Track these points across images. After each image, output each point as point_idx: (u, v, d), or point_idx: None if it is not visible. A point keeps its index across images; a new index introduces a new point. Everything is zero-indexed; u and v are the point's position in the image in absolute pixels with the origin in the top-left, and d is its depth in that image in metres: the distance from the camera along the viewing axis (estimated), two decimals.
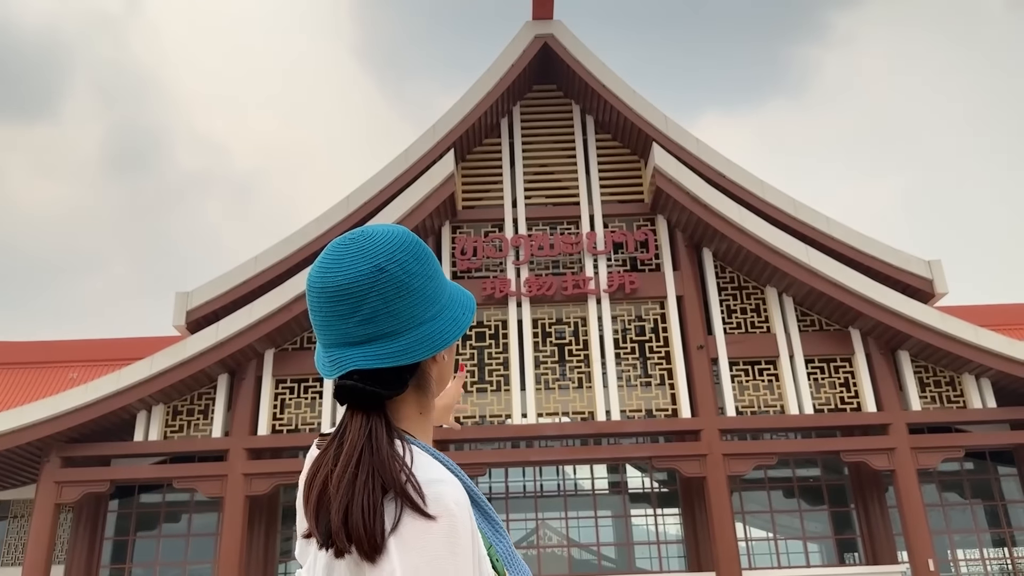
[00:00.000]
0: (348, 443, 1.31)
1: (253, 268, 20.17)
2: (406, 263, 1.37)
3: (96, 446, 19.10)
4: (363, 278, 1.34)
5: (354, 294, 1.34)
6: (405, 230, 1.42)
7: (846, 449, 18.87)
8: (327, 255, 1.38)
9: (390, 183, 20.87)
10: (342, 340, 1.37)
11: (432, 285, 1.41)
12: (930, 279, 20.18)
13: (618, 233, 21.08)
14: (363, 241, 1.37)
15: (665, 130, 21.12)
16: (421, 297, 1.39)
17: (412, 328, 1.37)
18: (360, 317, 1.35)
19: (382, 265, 1.35)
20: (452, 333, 1.42)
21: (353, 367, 1.36)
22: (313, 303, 1.39)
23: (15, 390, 24.01)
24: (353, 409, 1.36)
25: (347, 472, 1.26)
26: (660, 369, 20.18)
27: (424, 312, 1.39)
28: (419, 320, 1.38)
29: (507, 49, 21.96)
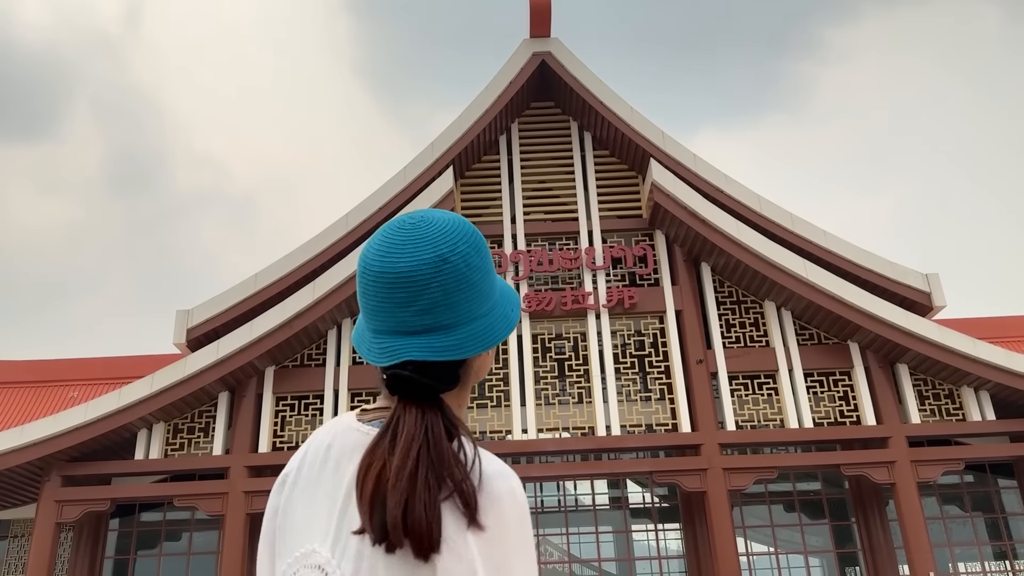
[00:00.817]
0: (404, 436, 1.27)
1: (253, 286, 20.25)
2: (468, 255, 1.34)
3: (96, 464, 19.10)
4: (426, 267, 1.30)
5: (416, 282, 1.30)
6: (465, 220, 1.40)
7: (846, 463, 18.89)
8: (387, 238, 1.35)
9: (389, 200, 20.98)
10: (397, 328, 1.34)
11: (488, 280, 1.39)
12: (928, 292, 20.28)
13: (617, 248, 21.19)
14: (425, 227, 1.34)
15: (663, 146, 21.27)
16: (478, 291, 1.36)
17: (468, 322, 1.35)
18: (419, 307, 1.31)
19: (445, 255, 1.31)
20: (503, 330, 1.40)
21: (408, 358, 1.32)
22: (369, 287, 1.35)
23: (16, 409, 24.01)
24: (406, 401, 1.32)
25: (406, 467, 1.22)
26: (660, 384, 20.23)
27: (480, 307, 1.36)
28: (475, 315, 1.35)
29: (505, 67, 22.15)
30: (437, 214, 1.38)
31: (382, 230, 1.38)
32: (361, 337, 1.42)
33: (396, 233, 1.34)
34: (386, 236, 1.35)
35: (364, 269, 1.36)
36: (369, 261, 1.35)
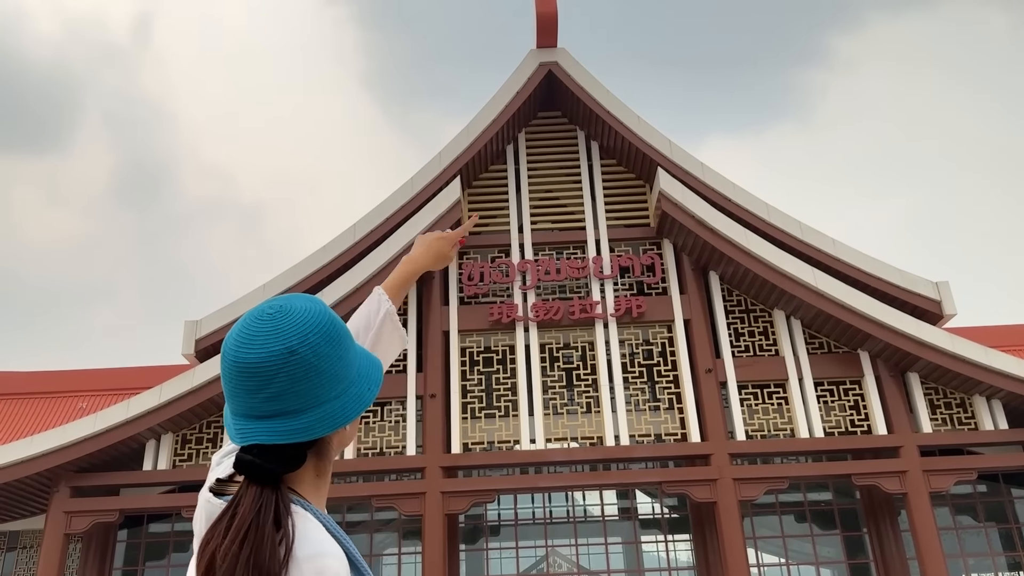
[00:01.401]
0: (239, 518, 1.33)
1: (261, 296, 20.25)
2: (317, 345, 1.40)
3: (105, 476, 19.11)
4: (274, 358, 1.37)
5: (263, 373, 1.37)
6: (323, 307, 1.47)
7: (857, 472, 18.74)
8: (245, 329, 1.41)
9: (396, 210, 21.00)
10: (248, 412, 1.41)
11: (340, 364, 1.45)
12: (938, 300, 20.14)
13: (624, 257, 21.14)
14: (280, 319, 1.41)
15: (670, 155, 21.24)
16: (328, 378, 1.42)
17: (315, 407, 1.41)
18: (266, 394, 1.38)
19: (294, 347, 1.38)
20: (353, 410, 1.46)
21: (255, 441, 1.40)
22: (224, 373, 1.43)
23: (25, 420, 24.07)
24: (249, 482, 1.39)
25: (231, 550, 1.30)
26: (668, 393, 20.14)
27: (329, 391, 1.42)
28: (323, 399, 1.42)
29: (512, 77, 22.18)
30: (296, 303, 1.45)
31: (244, 319, 1.45)
32: (227, 419, 1.48)
33: (253, 323, 1.41)
34: (245, 326, 1.42)
35: (223, 356, 1.43)
36: (227, 350, 1.42)
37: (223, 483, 1.46)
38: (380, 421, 19.95)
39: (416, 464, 19.08)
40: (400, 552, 20.08)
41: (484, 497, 18.83)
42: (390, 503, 18.70)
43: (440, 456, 19.01)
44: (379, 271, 19.90)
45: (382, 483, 19.18)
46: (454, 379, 20.05)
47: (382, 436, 19.75)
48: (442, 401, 19.74)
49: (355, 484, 19.18)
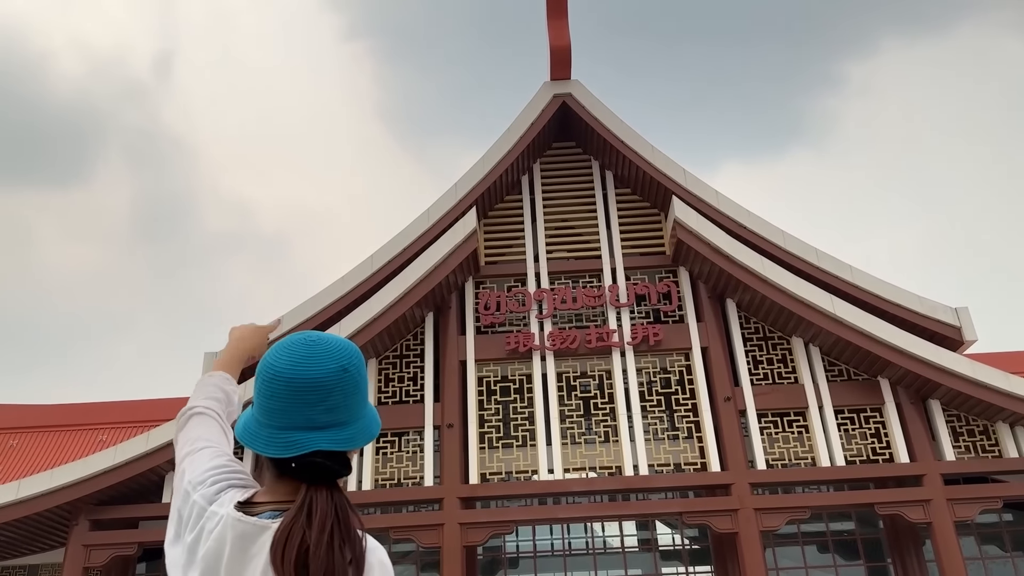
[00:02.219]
0: (319, 514, 1.54)
1: (278, 328, 20.35)
2: (359, 367, 1.68)
3: (124, 508, 19.15)
4: (332, 375, 1.61)
5: (324, 387, 1.61)
6: (350, 340, 1.83)
7: (880, 501, 18.49)
8: (295, 351, 1.64)
9: (413, 241, 21.15)
10: (304, 424, 1.61)
11: (366, 386, 1.72)
12: (958, 326, 19.98)
13: (640, 285, 21.14)
14: (327, 344, 1.66)
15: (685, 183, 21.31)
16: (364, 394, 1.70)
17: (358, 420, 1.67)
18: (325, 406, 1.61)
19: (346, 366, 1.63)
20: (375, 427, 1.74)
21: (318, 447, 1.61)
22: (280, 391, 1.62)
23: (46, 453, 24.23)
24: (316, 485, 1.59)
25: (323, 539, 1.50)
26: (687, 422, 20.01)
27: (364, 407, 1.71)
28: (361, 415, 1.69)
29: (526, 108, 22.41)
30: (330, 335, 1.71)
31: (287, 345, 1.66)
32: (254, 433, 1.68)
33: (304, 347, 1.64)
34: (293, 350, 1.64)
35: (275, 375, 1.63)
36: (280, 370, 1.62)
37: (247, 504, 1.64)
38: (397, 451, 19.93)
39: (434, 495, 19.01)
40: None
41: (502, 528, 18.71)
42: (408, 535, 18.61)
43: (458, 487, 18.95)
44: (396, 301, 20.00)
45: (400, 515, 19.10)
46: (471, 409, 20.03)
47: (399, 467, 19.72)
48: (459, 431, 19.71)
49: (373, 516, 19.11)
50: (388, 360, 20.94)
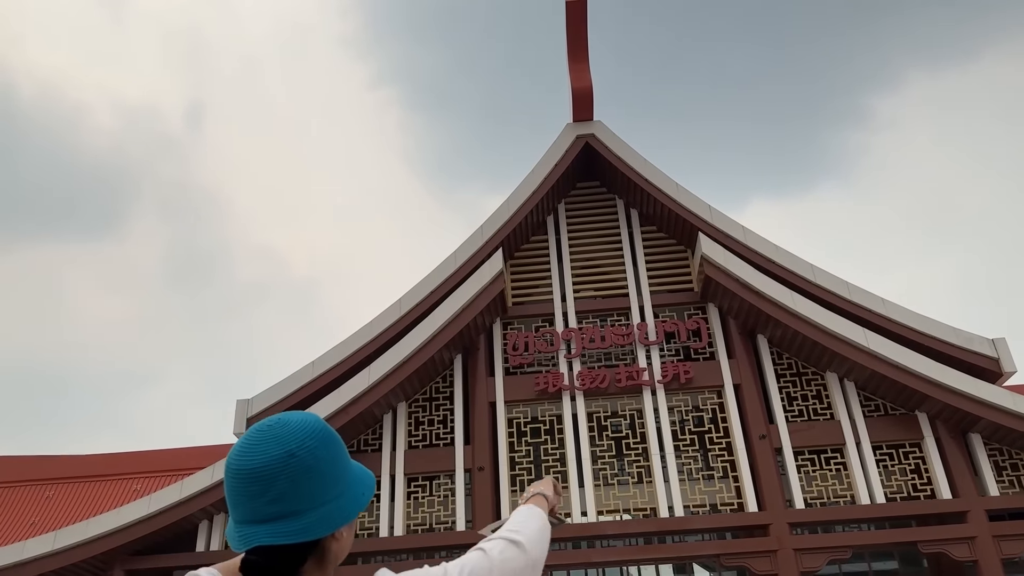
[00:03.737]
0: None
1: (310, 373, 20.52)
2: (315, 448, 1.51)
3: (159, 558, 19.18)
4: (275, 462, 1.47)
5: (265, 476, 1.47)
6: (317, 418, 1.58)
7: (923, 540, 18.00)
8: (246, 440, 1.52)
9: (440, 284, 21.27)
10: (251, 517, 1.49)
11: (337, 468, 1.55)
12: (996, 357, 19.58)
13: (669, 323, 21.03)
14: (279, 428, 1.51)
15: (711, 219, 21.28)
16: (326, 479, 1.52)
17: (316, 507, 1.50)
18: (269, 497, 1.47)
19: (293, 450, 1.48)
20: (352, 511, 1.56)
21: (258, 543, 1.48)
22: (228, 482, 1.52)
23: (81, 503, 24.41)
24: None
25: None
26: (722, 461, 19.71)
27: (327, 492, 1.52)
28: (322, 500, 1.51)
29: (550, 150, 22.60)
30: (294, 416, 1.57)
31: (246, 433, 1.55)
32: (228, 528, 1.56)
33: (254, 434, 1.52)
34: (247, 438, 1.53)
35: (226, 467, 1.53)
36: (230, 460, 1.52)
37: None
38: (429, 496, 19.82)
39: (466, 540, 18.82)
40: None
41: None
42: None
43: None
44: (425, 344, 20.05)
45: (432, 560, 18.89)
46: (502, 451, 19.92)
47: (431, 511, 19.60)
48: (491, 474, 19.58)
49: (404, 562, 18.96)
50: (418, 403, 20.94)
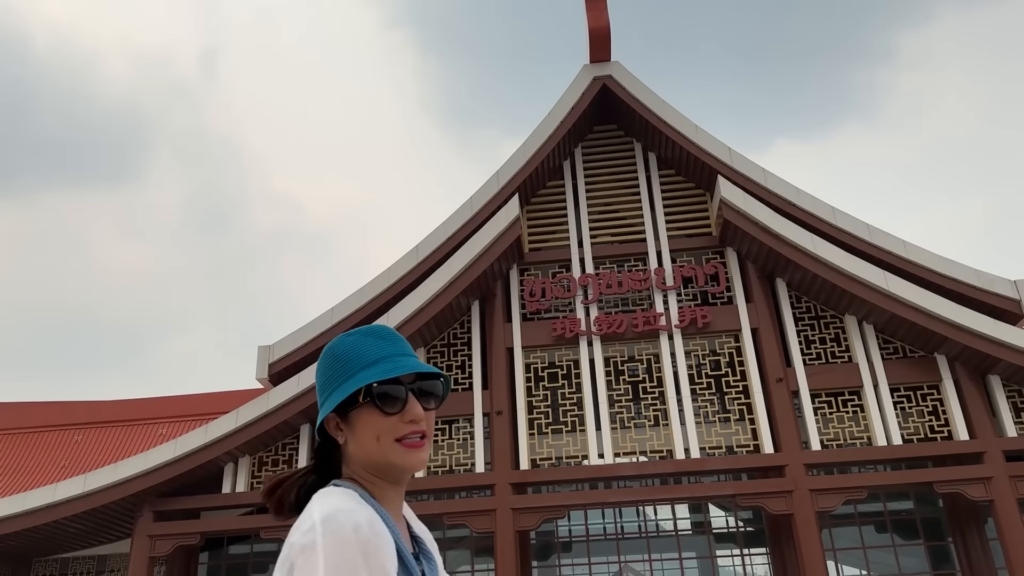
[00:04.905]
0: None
1: (330, 320, 20.70)
2: (320, 361, 1.80)
3: (186, 500, 19.69)
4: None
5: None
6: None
7: (939, 480, 18.11)
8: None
9: (456, 231, 21.24)
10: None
11: (322, 380, 1.78)
12: (1018, 299, 19.40)
13: (687, 267, 20.95)
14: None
15: (730, 162, 21.01)
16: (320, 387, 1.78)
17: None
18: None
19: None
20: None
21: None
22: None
23: (108, 447, 25.01)
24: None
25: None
26: (739, 404, 19.82)
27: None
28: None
29: (566, 93, 22.28)
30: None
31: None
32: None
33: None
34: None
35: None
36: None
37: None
38: (448, 439, 20.12)
39: (485, 481, 19.17)
40: (473, 569, 20.15)
41: (554, 513, 18.79)
42: (461, 520, 18.81)
43: (509, 473, 19.07)
44: (442, 290, 20.13)
45: (452, 501, 19.30)
46: (520, 395, 20.11)
47: (451, 454, 19.91)
48: (509, 418, 19.82)
49: (426, 502, 19.36)
50: (436, 349, 21.12)
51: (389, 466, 1.64)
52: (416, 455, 1.63)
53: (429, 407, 1.67)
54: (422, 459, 1.65)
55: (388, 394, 1.62)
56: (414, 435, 1.63)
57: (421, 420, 1.64)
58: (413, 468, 1.64)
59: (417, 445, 1.63)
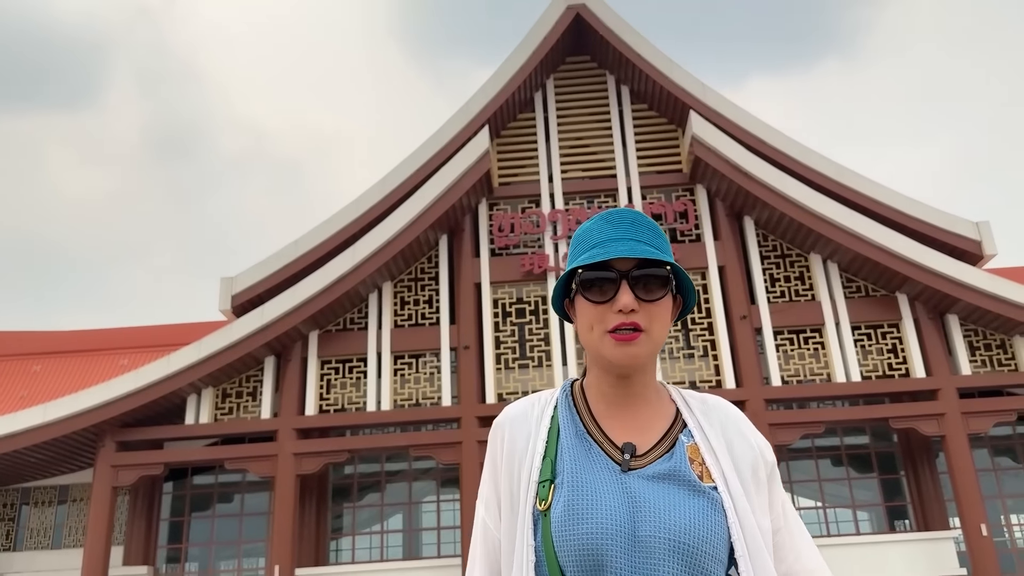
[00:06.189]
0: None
1: (294, 251, 20.37)
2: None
3: (149, 430, 19.55)
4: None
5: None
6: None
7: (895, 416, 18.64)
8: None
9: (425, 162, 20.89)
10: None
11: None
12: (978, 240, 19.74)
13: (657, 204, 20.91)
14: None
15: (703, 98, 20.82)
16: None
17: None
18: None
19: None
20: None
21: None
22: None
23: (68, 377, 24.64)
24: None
25: None
26: (703, 341, 20.06)
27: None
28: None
29: (539, 21, 21.76)
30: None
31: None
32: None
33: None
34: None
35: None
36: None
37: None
38: (415, 373, 20.14)
39: (452, 414, 19.29)
40: (439, 499, 20.43)
41: None
42: (428, 452, 18.97)
43: (475, 406, 19.19)
44: (410, 224, 19.87)
45: (419, 433, 19.43)
46: (487, 330, 20.12)
47: (418, 387, 19.96)
48: (476, 352, 19.85)
49: (392, 435, 19.46)
50: (403, 283, 20.96)
51: (600, 358, 1.53)
52: (624, 349, 1.48)
53: (650, 298, 1.49)
54: (633, 354, 1.49)
55: (593, 281, 1.51)
56: (625, 327, 1.48)
57: (630, 310, 1.47)
58: (622, 363, 1.50)
59: (627, 338, 1.47)
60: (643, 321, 1.49)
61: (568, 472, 1.47)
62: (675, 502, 1.43)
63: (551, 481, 1.47)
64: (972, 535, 17.57)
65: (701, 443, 1.54)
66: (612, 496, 1.43)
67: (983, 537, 17.47)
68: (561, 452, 1.51)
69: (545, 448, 1.52)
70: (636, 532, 1.39)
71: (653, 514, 1.41)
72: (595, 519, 1.40)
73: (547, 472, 1.48)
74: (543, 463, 1.50)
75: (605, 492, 1.44)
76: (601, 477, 1.46)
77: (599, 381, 1.58)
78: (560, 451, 1.51)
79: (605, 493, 1.44)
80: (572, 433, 1.54)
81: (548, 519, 1.43)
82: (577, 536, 1.40)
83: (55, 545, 22.16)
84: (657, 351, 1.55)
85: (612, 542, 1.38)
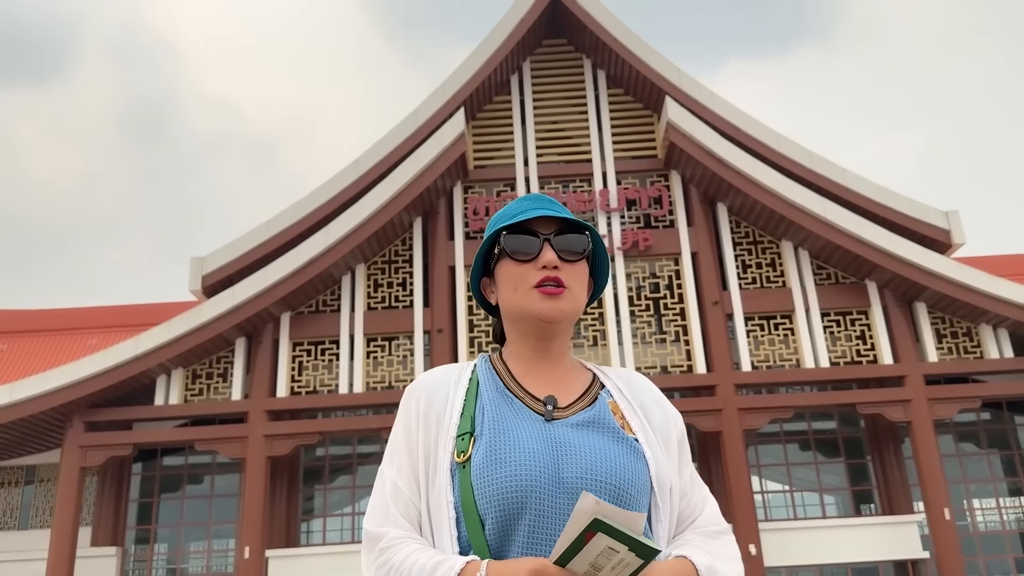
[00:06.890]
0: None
1: (266, 232, 20.20)
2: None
3: (118, 410, 19.37)
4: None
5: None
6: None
7: (862, 401, 18.90)
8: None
9: (400, 144, 20.74)
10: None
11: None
12: (947, 229, 19.99)
13: (631, 190, 20.94)
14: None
15: (678, 83, 20.82)
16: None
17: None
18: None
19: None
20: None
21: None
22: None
23: (35, 357, 24.31)
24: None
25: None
26: (675, 326, 20.18)
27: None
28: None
29: (516, 2, 21.61)
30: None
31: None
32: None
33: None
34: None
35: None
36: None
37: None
38: (388, 356, 20.09)
39: None
40: None
41: None
42: None
43: None
44: (384, 206, 19.76)
45: (391, 416, 19.40)
46: (461, 314, 20.10)
47: (390, 370, 19.92)
48: (449, 336, 19.84)
49: (365, 417, 19.42)
50: (377, 266, 20.86)
51: (525, 314, 1.58)
52: (551, 302, 1.55)
53: (571, 258, 1.58)
54: (558, 308, 1.55)
55: (518, 241, 1.58)
56: (549, 281, 1.55)
57: (554, 267, 1.55)
58: (549, 316, 1.55)
59: (553, 292, 1.55)
60: (565, 279, 1.56)
61: (490, 422, 1.48)
62: (600, 446, 1.46)
63: (470, 434, 1.48)
64: (936, 519, 17.90)
65: (620, 401, 1.59)
66: (535, 441, 1.45)
67: (946, 521, 17.80)
68: (482, 407, 1.52)
69: (463, 406, 1.53)
70: (560, 475, 1.40)
71: (578, 457, 1.43)
72: (518, 461, 1.41)
73: (466, 426, 1.49)
74: (461, 419, 1.51)
75: (528, 438, 1.46)
76: (524, 425, 1.48)
77: (519, 348, 1.63)
78: (481, 407, 1.53)
79: (528, 439, 1.45)
80: (492, 389, 1.56)
81: (467, 470, 1.43)
82: (498, 479, 1.40)
83: (22, 526, 21.94)
84: (578, 314, 1.61)
85: (535, 483, 1.39)
